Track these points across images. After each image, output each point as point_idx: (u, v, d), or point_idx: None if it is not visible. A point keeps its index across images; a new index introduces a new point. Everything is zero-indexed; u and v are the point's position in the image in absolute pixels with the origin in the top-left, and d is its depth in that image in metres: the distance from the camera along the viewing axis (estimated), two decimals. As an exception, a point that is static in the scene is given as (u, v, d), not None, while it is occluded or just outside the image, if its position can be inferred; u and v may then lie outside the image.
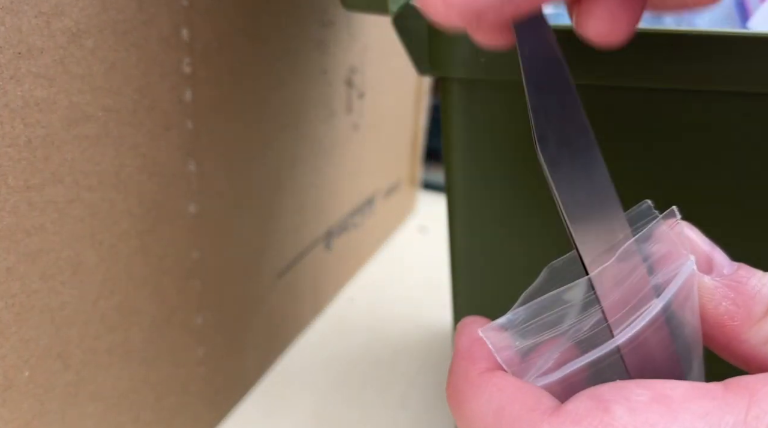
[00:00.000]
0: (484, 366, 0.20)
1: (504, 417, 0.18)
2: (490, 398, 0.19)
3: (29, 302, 0.27)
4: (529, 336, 0.20)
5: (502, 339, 0.20)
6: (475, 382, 0.20)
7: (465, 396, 0.20)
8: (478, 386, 0.20)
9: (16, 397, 0.27)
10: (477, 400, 0.19)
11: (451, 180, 0.30)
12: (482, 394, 0.19)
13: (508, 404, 0.19)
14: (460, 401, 0.20)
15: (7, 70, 0.23)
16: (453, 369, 0.21)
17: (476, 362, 0.20)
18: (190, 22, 0.31)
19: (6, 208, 0.25)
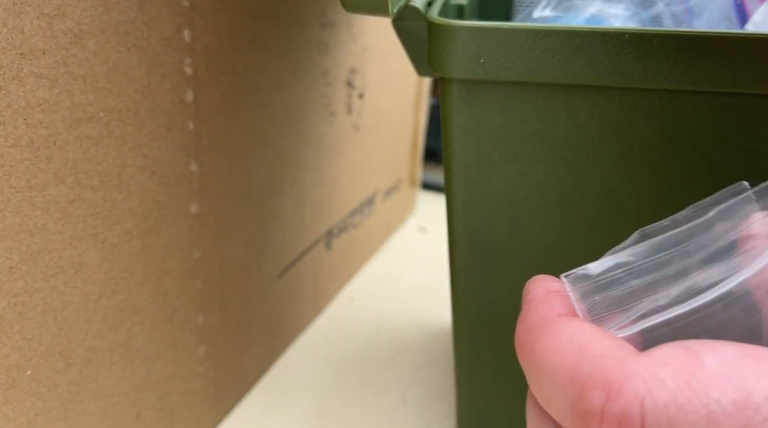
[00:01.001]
0: (562, 311, 0.19)
1: (587, 353, 0.17)
2: (571, 336, 0.18)
3: (32, 301, 0.27)
4: (613, 287, 0.19)
5: (582, 288, 0.19)
6: (554, 322, 0.19)
7: (542, 334, 0.19)
8: (559, 326, 0.19)
9: (18, 395, 0.27)
10: (557, 338, 0.18)
11: (450, 180, 0.30)
12: (563, 333, 0.18)
13: (591, 342, 0.18)
14: (536, 339, 0.19)
15: (10, 71, 0.24)
16: (527, 312, 0.20)
17: (553, 308, 0.20)
18: (191, 23, 0.31)
19: (9, 208, 0.25)
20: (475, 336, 0.33)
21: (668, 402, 0.16)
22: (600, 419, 0.16)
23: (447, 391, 0.46)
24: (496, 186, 0.29)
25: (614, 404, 0.16)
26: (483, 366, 0.34)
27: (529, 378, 0.19)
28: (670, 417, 0.15)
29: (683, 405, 0.15)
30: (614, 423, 0.16)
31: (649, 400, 0.16)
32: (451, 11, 0.32)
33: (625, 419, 0.16)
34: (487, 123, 0.28)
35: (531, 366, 0.19)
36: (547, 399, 0.18)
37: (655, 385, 0.16)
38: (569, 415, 0.17)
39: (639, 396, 0.16)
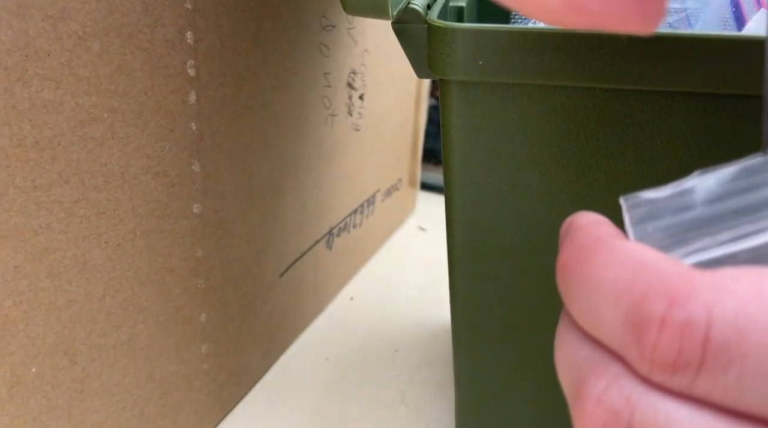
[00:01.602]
0: (615, 234, 0.18)
1: (647, 267, 0.16)
2: (630, 253, 0.17)
3: (36, 300, 0.27)
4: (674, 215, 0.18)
5: (640, 212, 0.18)
6: (609, 242, 0.17)
7: (595, 252, 0.17)
8: (615, 244, 0.17)
9: (23, 393, 0.28)
10: (612, 254, 0.17)
11: (450, 181, 0.30)
12: (619, 250, 0.17)
13: (652, 258, 0.16)
14: (587, 257, 0.17)
15: (15, 73, 0.24)
16: (574, 237, 0.19)
17: (606, 230, 0.18)
18: (194, 26, 0.31)
19: (14, 208, 0.25)
20: (474, 335, 0.33)
21: (738, 311, 0.14)
22: (659, 327, 0.15)
23: (446, 389, 0.46)
24: (495, 186, 0.29)
25: (678, 311, 0.15)
26: (482, 365, 0.34)
27: (572, 299, 0.18)
28: (738, 326, 0.14)
29: (754, 316, 0.14)
30: (675, 331, 0.15)
31: (718, 308, 0.15)
32: (450, 14, 0.33)
33: (689, 326, 0.15)
34: (486, 124, 0.28)
35: (577, 283, 0.17)
36: (592, 316, 0.17)
37: (724, 295, 0.15)
38: (619, 328, 0.16)
39: (707, 304, 0.15)
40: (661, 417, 0.15)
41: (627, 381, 0.16)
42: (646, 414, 0.15)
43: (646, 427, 0.15)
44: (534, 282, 0.31)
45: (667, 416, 0.15)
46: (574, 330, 0.18)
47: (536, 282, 0.31)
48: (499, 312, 0.32)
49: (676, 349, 0.15)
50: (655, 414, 0.15)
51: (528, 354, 0.33)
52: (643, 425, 0.15)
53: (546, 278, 0.31)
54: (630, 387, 0.16)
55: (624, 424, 0.16)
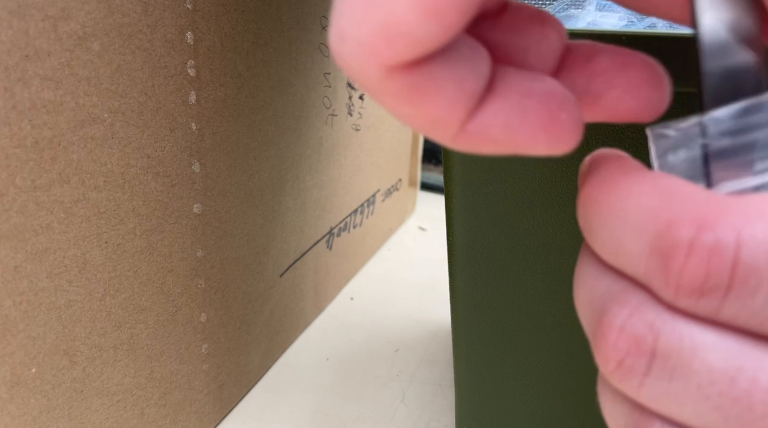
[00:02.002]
0: (639, 166, 0.17)
1: (675, 193, 0.15)
2: (654, 182, 0.16)
3: (36, 300, 0.27)
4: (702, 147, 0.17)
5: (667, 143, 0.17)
6: (634, 171, 0.17)
7: (620, 180, 0.17)
8: (640, 173, 0.17)
9: (23, 393, 0.28)
10: (638, 182, 0.16)
11: (450, 180, 0.30)
12: (645, 177, 0.16)
13: (679, 187, 0.16)
14: (611, 185, 0.17)
15: (15, 73, 0.24)
16: (597, 169, 0.18)
17: (630, 162, 0.17)
18: (194, 26, 0.31)
19: (14, 208, 0.25)
20: (474, 335, 0.33)
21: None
22: (687, 252, 0.14)
23: (446, 388, 0.46)
24: (495, 187, 0.29)
25: (706, 234, 0.14)
26: (482, 364, 0.34)
27: (594, 230, 0.17)
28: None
29: None
30: (703, 255, 0.14)
31: (747, 231, 0.14)
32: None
33: (717, 249, 0.14)
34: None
35: (601, 214, 0.17)
36: (616, 246, 0.16)
37: (754, 218, 0.14)
38: (644, 257, 0.16)
39: (736, 226, 0.14)
40: (686, 342, 0.15)
41: (651, 308, 0.16)
42: (670, 339, 0.15)
43: (671, 353, 0.15)
44: (534, 282, 0.31)
45: (693, 340, 0.15)
46: (595, 263, 0.18)
47: (536, 282, 0.31)
48: (499, 312, 0.32)
49: (703, 273, 0.14)
50: (680, 339, 0.15)
51: (528, 353, 0.33)
52: (667, 351, 0.15)
53: (546, 277, 0.31)
54: (654, 314, 0.16)
55: (648, 351, 0.15)
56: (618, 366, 0.16)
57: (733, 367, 0.15)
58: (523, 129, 0.16)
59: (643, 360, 0.15)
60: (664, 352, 0.15)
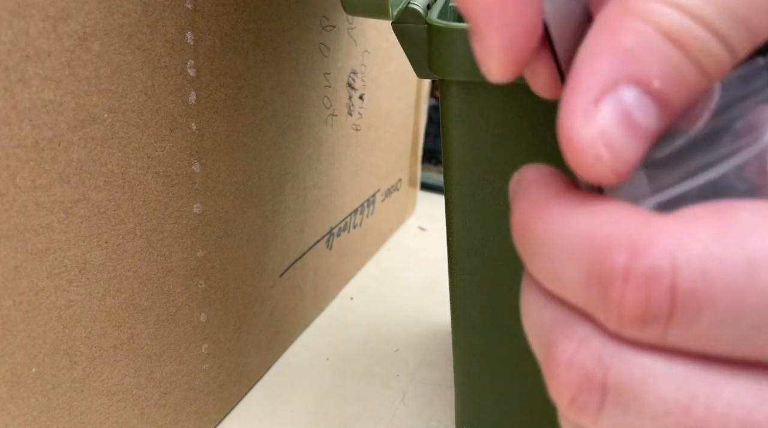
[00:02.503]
0: (569, 187, 0.17)
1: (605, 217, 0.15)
2: (584, 205, 0.16)
3: (37, 300, 0.27)
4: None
5: None
6: (563, 194, 0.17)
7: (550, 206, 0.17)
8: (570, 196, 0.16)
9: (23, 393, 0.28)
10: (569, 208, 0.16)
11: (450, 181, 0.30)
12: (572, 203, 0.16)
13: (610, 207, 0.15)
14: (542, 213, 0.17)
15: (15, 73, 0.24)
16: (526, 193, 0.18)
17: (559, 183, 0.17)
18: (194, 26, 0.31)
19: (14, 208, 0.25)
20: (474, 335, 0.33)
21: (703, 254, 0.14)
22: (624, 280, 0.14)
23: (446, 388, 0.46)
24: (495, 187, 0.29)
25: (641, 260, 0.14)
26: (482, 364, 0.34)
27: (531, 258, 0.17)
28: (705, 269, 0.14)
29: (720, 256, 0.14)
30: (641, 282, 0.14)
31: (681, 254, 0.14)
32: (450, 14, 0.33)
33: (654, 275, 0.14)
34: (486, 124, 0.28)
35: (536, 242, 0.17)
36: (555, 276, 0.16)
37: (687, 238, 0.14)
38: (583, 286, 0.15)
39: (670, 249, 0.14)
40: (636, 374, 0.15)
41: (597, 340, 0.15)
42: (620, 371, 0.15)
43: (622, 385, 0.15)
44: (534, 282, 0.31)
45: (643, 371, 0.15)
46: (537, 291, 0.17)
47: (536, 282, 0.31)
48: (498, 312, 0.32)
49: (643, 302, 0.14)
50: (630, 371, 0.15)
51: (527, 353, 0.33)
52: (618, 384, 0.15)
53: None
54: (600, 346, 0.15)
55: (598, 386, 0.15)
56: (571, 402, 0.16)
57: (687, 395, 0.14)
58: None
59: (595, 396, 0.15)
60: (616, 386, 0.15)
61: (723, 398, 0.14)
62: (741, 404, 0.14)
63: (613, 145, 0.15)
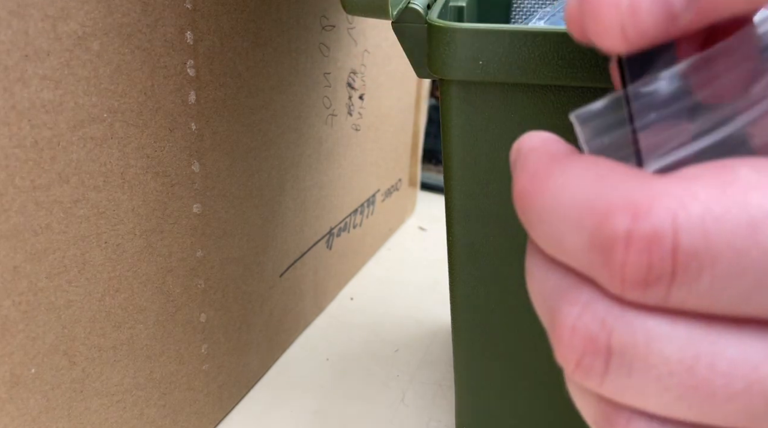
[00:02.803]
0: (569, 151, 0.17)
1: (606, 181, 0.15)
2: (586, 168, 0.16)
3: (36, 300, 0.27)
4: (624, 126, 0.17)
5: (592, 126, 0.17)
6: (563, 160, 0.17)
7: (551, 173, 0.16)
8: (570, 161, 0.16)
9: (22, 393, 0.28)
10: (569, 173, 0.16)
11: (450, 181, 0.30)
12: (575, 166, 0.16)
13: (610, 170, 0.15)
14: (543, 180, 0.17)
15: (14, 73, 0.24)
16: (527, 161, 0.17)
17: (559, 149, 0.17)
18: (194, 26, 0.31)
19: (13, 208, 0.25)
20: (474, 335, 0.33)
21: (703, 214, 0.14)
22: (626, 244, 0.14)
23: (446, 389, 0.46)
24: (495, 187, 0.29)
25: (642, 223, 0.14)
26: (482, 364, 0.34)
27: (534, 226, 0.17)
28: (706, 229, 0.14)
29: (721, 215, 0.14)
30: (643, 245, 0.14)
31: (682, 214, 0.14)
32: (450, 13, 0.33)
33: (655, 238, 0.14)
34: (487, 124, 0.28)
35: (537, 210, 0.17)
36: (557, 242, 0.16)
37: (687, 199, 0.14)
38: (585, 251, 0.15)
39: (670, 211, 0.14)
40: (639, 335, 0.15)
41: (600, 304, 0.16)
42: (624, 334, 0.15)
43: (626, 347, 0.15)
44: (534, 282, 0.31)
45: (646, 333, 0.15)
46: (541, 258, 0.18)
47: (536, 282, 0.31)
48: (499, 312, 0.32)
49: (645, 265, 0.14)
50: (633, 333, 0.15)
51: (528, 354, 0.33)
52: (621, 346, 0.15)
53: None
54: (604, 309, 0.15)
55: (603, 348, 0.15)
56: (577, 365, 0.16)
57: (690, 356, 0.15)
58: None
59: (600, 359, 0.15)
60: (619, 348, 0.15)
61: (726, 356, 0.14)
62: (744, 361, 0.14)
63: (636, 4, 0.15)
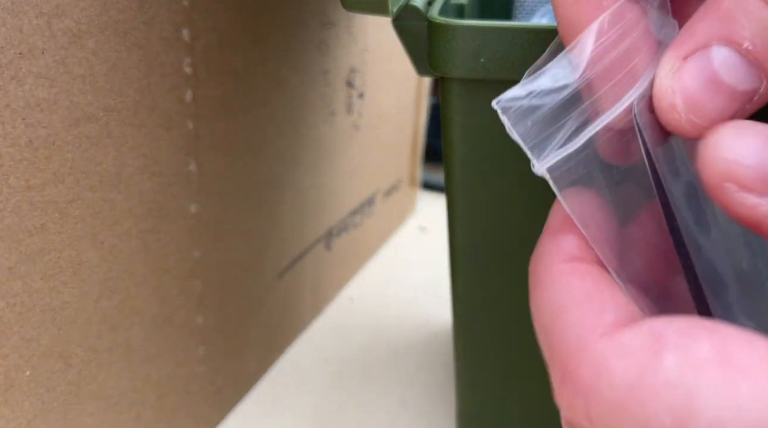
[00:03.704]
0: (568, 253, 0.19)
1: (560, 320, 0.17)
2: (555, 296, 0.18)
3: (31, 301, 0.27)
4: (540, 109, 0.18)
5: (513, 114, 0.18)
6: (550, 271, 0.18)
7: (536, 281, 0.19)
8: (552, 278, 0.18)
9: (17, 396, 0.27)
10: (544, 292, 0.18)
11: (451, 180, 0.30)
12: (551, 288, 0.18)
13: (570, 307, 0.17)
14: (532, 285, 0.19)
15: (9, 71, 0.24)
16: (538, 246, 0.20)
17: (561, 247, 0.19)
18: (191, 23, 0.31)
19: (7, 208, 0.25)
20: (476, 337, 0.33)
21: (614, 402, 0.15)
22: (558, 391, 0.17)
23: (447, 391, 0.46)
24: (496, 186, 0.29)
25: (565, 389, 0.16)
26: (483, 367, 0.34)
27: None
28: (612, 415, 0.15)
29: (626, 409, 0.15)
30: (565, 405, 0.16)
31: (595, 395, 0.15)
32: (451, 11, 0.32)
33: (572, 406, 0.16)
34: (488, 123, 0.28)
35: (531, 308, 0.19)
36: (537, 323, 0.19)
37: (603, 381, 0.15)
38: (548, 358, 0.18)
39: (585, 388, 0.16)
40: None
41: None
42: None
43: None
44: (536, 283, 0.31)
45: None
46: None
47: (538, 283, 0.31)
48: (500, 314, 0.32)
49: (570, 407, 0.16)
50: None
51: (529, 356, 0.33)
52: None
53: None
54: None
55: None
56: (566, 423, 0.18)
57: None
58: None
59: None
60: None
61: None
62: None
63: (691, 98, 0.16)
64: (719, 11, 0.16)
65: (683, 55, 0.17)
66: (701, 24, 0.17)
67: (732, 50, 0.16)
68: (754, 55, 0.16)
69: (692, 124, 0.17)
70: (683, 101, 0.17)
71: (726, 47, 0.16)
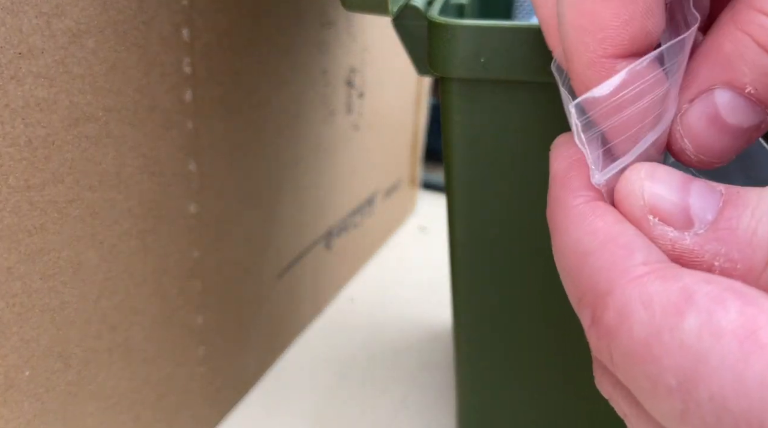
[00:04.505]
0: (582, 194, 0.18)
1: (587, 264, 0.17)
2: (578, 239, 0.17)
3: (30, 301, 0.27)
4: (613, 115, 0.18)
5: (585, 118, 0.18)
6: (569, 215, 0.18)
7: (557, 226, 0.18)
8: (572, 221, 0.18)
9: (16, 396, 0.27)
10: (567, 237, 0.18)
11: (451, 180, 0.30)
12: (574, 231, 0.18)
13: (596, 250, 0.17)
14: (552, 230, 0.19)
15: (8, 71, 0.23)
16: (550, 195, 0.19)
17: (574, 190, 0.18)
18: (190, 22, 0.31)
19: (7, 208, 0.25)
20: (476, 337, 0.33)
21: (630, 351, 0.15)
22: (590, 325, 0.17)
23: (447, 392, 0.46)
24: (496, 186, 0.29)
25: (593, 330, 0.17)
26: (483, 367, 0.34)
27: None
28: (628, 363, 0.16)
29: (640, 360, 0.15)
30: (594, 345, 0.17)
31: (615, 340, 0.16)
32: (451, 10, 0.32)
33: (598, 348, 0.16)
34: (488, 122, 0.28)
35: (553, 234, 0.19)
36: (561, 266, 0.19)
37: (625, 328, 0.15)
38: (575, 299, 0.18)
39: (609, 332, 0.16)
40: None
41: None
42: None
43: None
44: (537, 284, 0.31)
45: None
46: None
47: (539, 284, 0.31)
48: (501, 314, 0.32)
49: (596, 348, 0.17)
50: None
51: (530, 357, 0.33)
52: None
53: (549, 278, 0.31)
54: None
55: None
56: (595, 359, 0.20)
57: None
58: None
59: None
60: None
61: None
62: None
63: (697, 139, 0.17)
64: (720, 56, 0.17)
65: (688, 99, 0.17)
66: (703, 68, 0.17)
67: (735, 93, 0.17)
68: (757, 97, 0.17)
69: (701, 162, 0.18)
70: (691, 144, 0.18)
71: (729, 90, 0.17)
